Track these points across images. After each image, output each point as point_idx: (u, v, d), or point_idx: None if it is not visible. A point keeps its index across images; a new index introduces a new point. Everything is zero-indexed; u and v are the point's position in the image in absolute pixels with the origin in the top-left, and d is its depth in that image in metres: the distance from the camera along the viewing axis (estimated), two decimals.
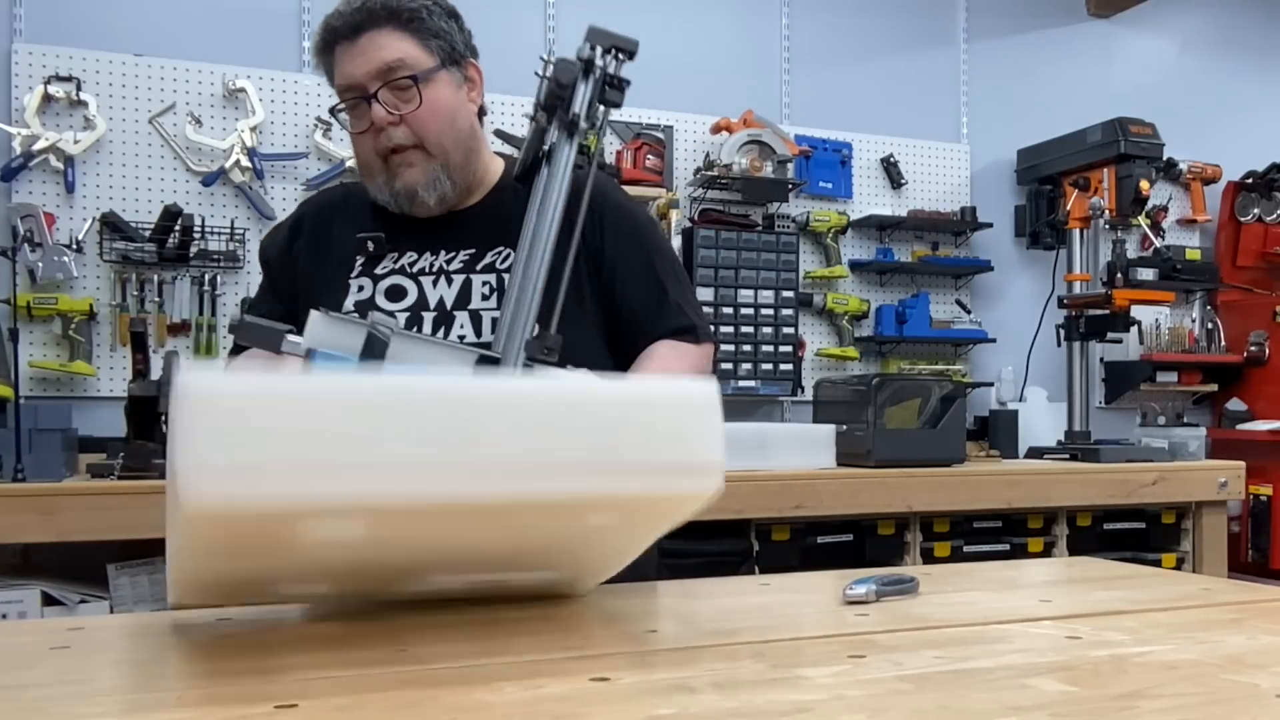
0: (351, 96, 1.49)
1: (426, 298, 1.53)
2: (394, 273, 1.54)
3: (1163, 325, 4.28)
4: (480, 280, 1.53)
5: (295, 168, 3.26)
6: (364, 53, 1.46)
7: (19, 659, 1.05)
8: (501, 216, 1.53)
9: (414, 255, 1.55)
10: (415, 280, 1.54)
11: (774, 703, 0.89)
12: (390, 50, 1.46)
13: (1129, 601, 1.35)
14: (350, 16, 1.46)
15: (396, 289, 1.53)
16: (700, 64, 3.76)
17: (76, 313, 2.96)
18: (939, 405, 3.34)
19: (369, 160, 1.52)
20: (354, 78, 1.47)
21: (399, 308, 1.52)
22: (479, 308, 1.52)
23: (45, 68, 3.02)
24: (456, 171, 1.53)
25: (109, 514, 2.45)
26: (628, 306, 1.57)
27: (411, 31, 1.48)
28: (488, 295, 1.52)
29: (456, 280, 1.54)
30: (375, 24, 1.46)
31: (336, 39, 1.48)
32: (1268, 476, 3.93)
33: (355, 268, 1.55)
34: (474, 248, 1.55)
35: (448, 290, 1.53)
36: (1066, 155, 3.92)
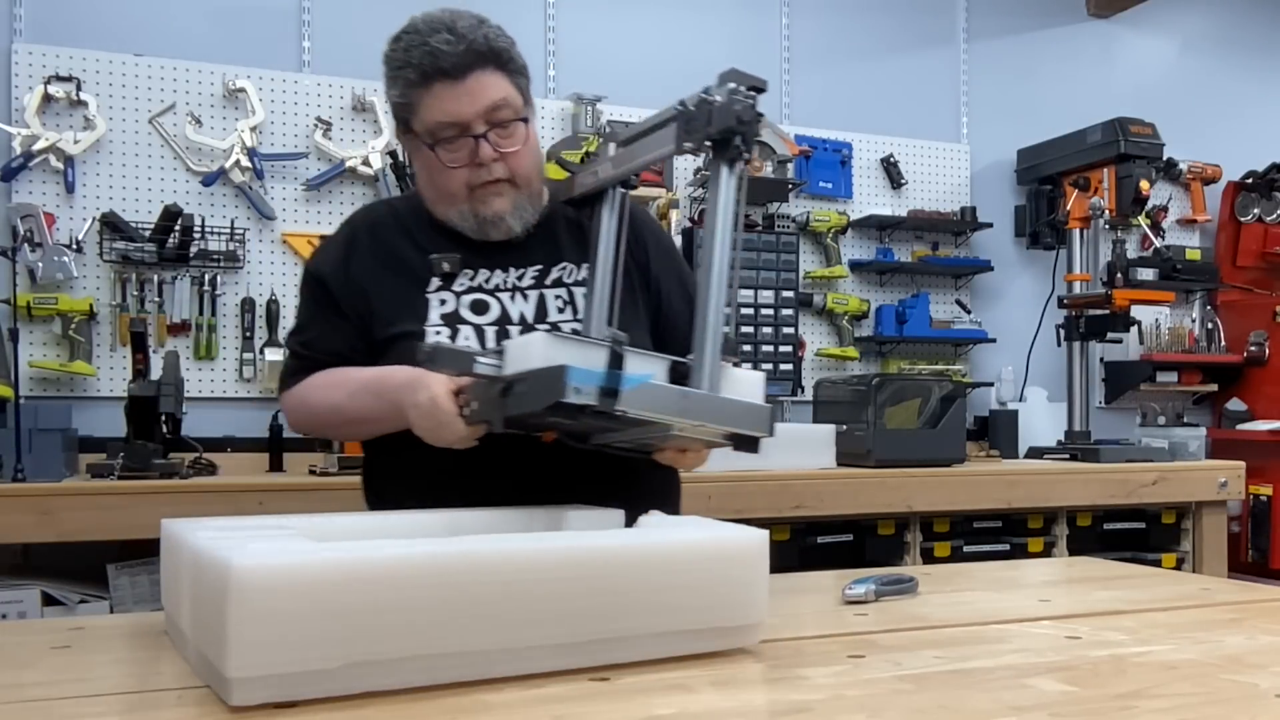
0: (453, 133, 1.53)
1: (509, 312, 1.61)
2: (472, 290, 1.61)
3: (1163, 325, 4.28)
4: (553, 295, 1.63)
5: (295, 168, 3.26)
6: (471, 92, 1.52)
7: (19, 659, 1.05)
8: (558, 234, 1.66)
9: (485, 273, 1.63)
10: (494, 296, 1.62)
11: (774, 703, 0.89)
12: (495, 90, 1.53)
13: (1129, 601, 1.35)
14: (458, 57, 1.51)
15: (479, 303, 1.61)
16: (700, 64, 3.74)
17: (76, 313, 2.96)
18: (939, 405, 3.34)
19: (455, 190, 1.57)
20: (461, 115, 1.52)
21: (485, 321, 1.59)
22: (556, 320, 1.62)
23: (45, 68, 3.02)
24: (535, 199, 1.62)
25: (109, 514, 2.45)
26: (671, 320, 1.71)
27: (508, 72, 1.56)
28: (562, 309, 1.63)
29: (531, 296, 1.63)
30: (481, 65, 1.53)
31: (440, 77, 1.52)
32: (1268, 476, 3.93)
33: (432, 284, 1.60)
34: (540, 264, 1.64)
35: (525, 305, 1.62)
36: (1066, 155, 3.92)
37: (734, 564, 1.07)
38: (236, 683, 0.85)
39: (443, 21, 1.53)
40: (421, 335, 1.55)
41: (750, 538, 1.09)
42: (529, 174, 1.60)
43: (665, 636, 1.03)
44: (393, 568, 0.91)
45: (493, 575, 0.95)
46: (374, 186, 3.31)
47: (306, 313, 1.68)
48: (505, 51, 1.55)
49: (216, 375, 3.16)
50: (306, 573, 0.88)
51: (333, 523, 1.24)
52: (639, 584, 1.01)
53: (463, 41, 1.51)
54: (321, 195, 3.28)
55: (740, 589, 1.06)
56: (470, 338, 1.57)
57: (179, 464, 2.69)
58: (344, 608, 0.88)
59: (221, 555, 0.87)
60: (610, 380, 1.17)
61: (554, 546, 1.01)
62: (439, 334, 1.56)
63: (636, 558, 1.03)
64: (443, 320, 1.58)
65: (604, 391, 1.16)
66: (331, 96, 3.31)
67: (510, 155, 1.56)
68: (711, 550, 1.07)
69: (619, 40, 3.62)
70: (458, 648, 0.93)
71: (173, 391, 2.73)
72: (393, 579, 0.91)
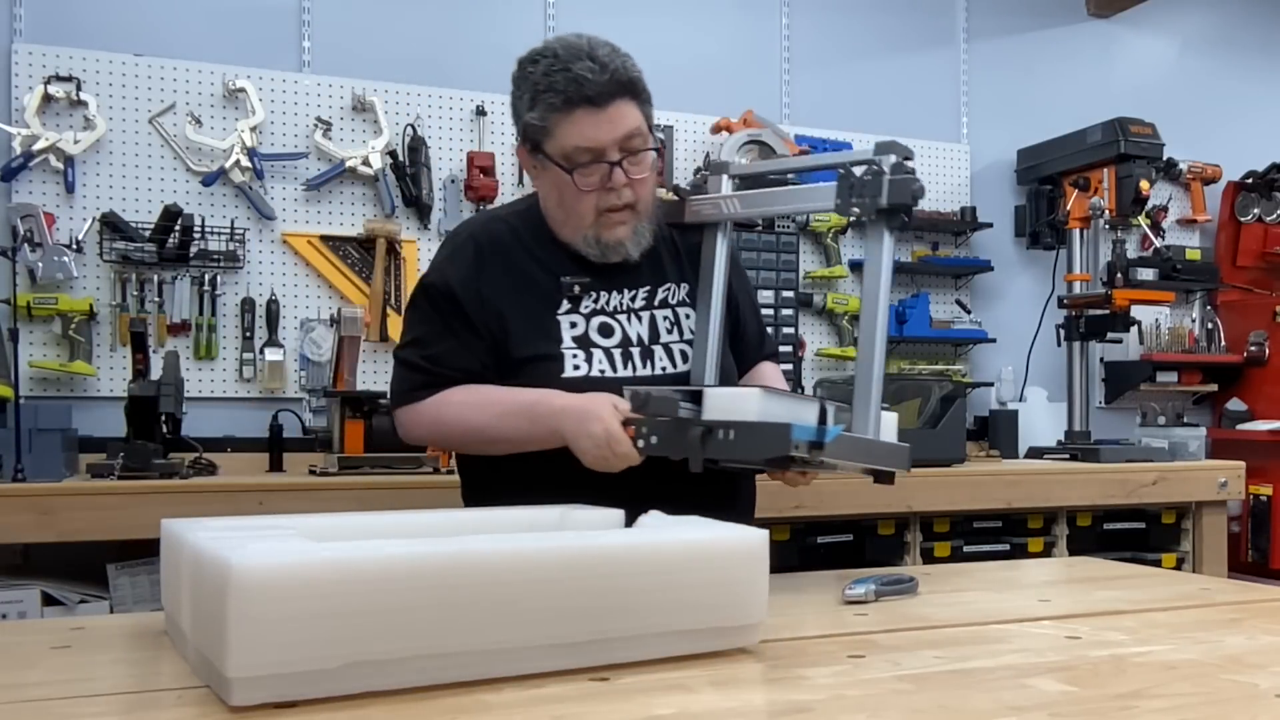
0: (589, 159, 1.59)
1: (628, 334, 1.70)
2: (598, 312, 1.69)
3: (1163, 325, 4.27)
4: (660, 315, 1.74)
5: (295, 168, 3.26)
6: (610, 120, 1.58)
7: (19, 659, 1.05)
8: (660, 253, 1.75)
9: (605, 294, 1.70)
10: (614, 318, 1.70)
11: (774, 703, 0.89)
12: (631, 120, 1.60)
13: (1129, 601, 1.35)
14: (603, 85, 1.57)
15: (606, 326, 1.70)
16: (700, 64, 3.76)
17: (76, 313, 2.96)
18: (939, 405, 3.34)
19: (584, 213, 1.63)
20: (600, 142, 1.58)
21: (611, 344, 1.69)
22: (667, 341, 1.73)
23: (45, 68, 3.02)
24: (650, 224, 1.70)
25: (109, 514, 2.45)
26: (746, 333, 1.86)
27: (640, 102, 1.63)
28: (670, 330, 1.74)
29: (644, 317, 1.73)
30: (621, 94, 1.59)
31: (584, 104, 1.57)
32: (1268, 476, 3.93)
33: (562, 305, 1.68)
34: (647, 286, 1.74)
35: (641, 327, 1.72)
36: (1066, 155, 3.92)
37: (734, 564, 1.07)
38: (236, 683, 0.85)
39: (582, 49, 1.59)
40: (558, 358, 1.63)
41: (750, 538, 1.09)
42: (649, 201, 1.67)
43: (665, 636, 1.03)
44: (392, 567, 0.91)
45: (492, 575, 0.95)
46: (374, 186, 3.31)
47: (429, 327, 1.68)
48: (639, 81, 1.62)
49: (216, 375, 3.16)
50: (306, 573, 0.88)
51: (333, 523, 1.24)
52: (639, 584, 1.02)
53: (606, 71, 1.57)
54: (321, 195, 3.28)
55: (740, 589, 1.07)
56: (602, 361, 1.66)
57: (179, 464, 2.69)
58: (344, 608, 0.88)
59: (222, 555, 0.87)
60: (819, 435, 1.35)
61: (554, 546, 1.01)
62: (575, 356, 1.64)
63: (636, 558, 1.03)
64: (575, 343, 1.65)
65: (812, 445, 1.34)
66: (331, 96, 3.31)
67: (637, 183, 1.62)
68: (711, 550, 1.07)
69: (619, 40, 3.59)
70: (458, 648, 0.93)
71: (173, 391, 2.73)
72: (392, 579, 0.91)
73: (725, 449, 1.35)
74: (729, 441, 1.34)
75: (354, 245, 3.29)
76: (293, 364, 3.22)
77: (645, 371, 1.69)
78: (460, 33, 3.45)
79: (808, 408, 1.41)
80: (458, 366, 1.65)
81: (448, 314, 1.66)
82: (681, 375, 1.71)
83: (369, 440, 2.83)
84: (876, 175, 1.45)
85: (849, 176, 1.48)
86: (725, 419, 1.36)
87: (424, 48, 3.43)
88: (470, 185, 3.38)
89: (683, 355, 1.73)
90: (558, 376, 1.63)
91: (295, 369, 3.22)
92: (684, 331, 1.74)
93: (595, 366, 1.65)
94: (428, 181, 3.35)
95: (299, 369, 3.22)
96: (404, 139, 3.35)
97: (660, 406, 1.37)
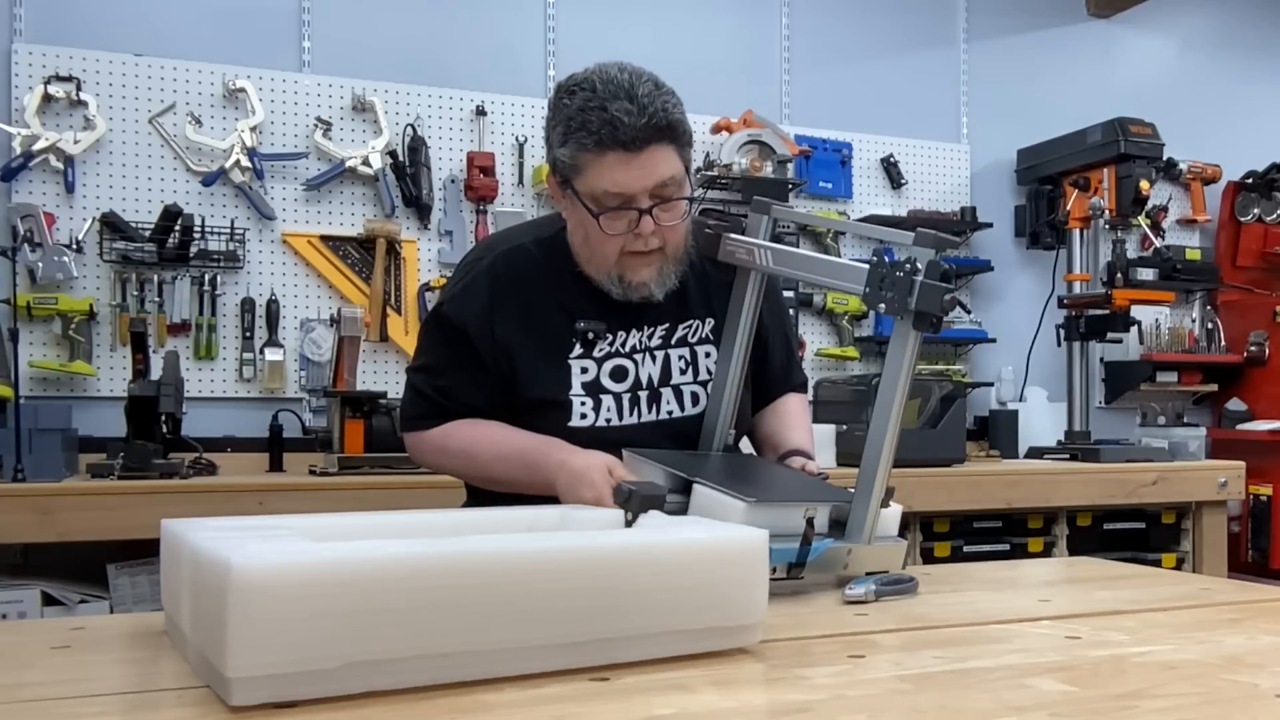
0: (617, 204, 1.53)
1: (640, 377, 1.66)
2: (611, 355, 1.65)
3: (1163, 325, 4.27)
4: (676, 355, 1.69)
5: (295, 168, 3.26)
6: (643, 167, 1.51)
7: (19, 659, 1.05)
8: (687, 286, 1.69)
9: (622, 334, 1.66)
10: (630, 359, 1.66)
11: (774, 703, 0.89)
12: (665, 168, 1.53)
13: (1129, 601, 1.35)
14: (638, 131, 1.49)
15: (619, 370, 1.66)
16: (700, 64, 3.76)
17: (76, 313, 2.96)
18: (939, 405, 3.34)
19: (609, 254, 1.58)
20: (630, 189, 1.52)
21: (622, 389, 1.65)
22: (678, 383, 1.69)
23: (45, 68, 3.02)
24: (678, 265, 1.64)
25: (109, 514, 2.45)
26: (771, 366, 1.82)
27: (679, 146, 1.56)
28: (684, 370, 1.69)
29: (659, 357, 1.68)
30: (659, 139, 1.51)
31: (617, 148, 1.50)
32: (1268, 476, 3.93)
33: (574, 348, 1.64)
34: (667, 323, 1.69)
35: (653, 368, 1.68)
36: (1066, 155, 3.92)
37: (733, 564, 1.07)
38: (236, 683, 0.85)
39: (622, 86, 1.50)
40: (565, 405, 1.61)
41: (750, 537, 1.09)
42: (679, 245, 1.61)
43: (664, 636, 1.03)
44: (392, 567, 0.91)
45: (492, 575, 0.95)
46: (374, 186, 3.31)
47: (441, 357, 1.67)
48: (679, 124, 1.54)
49: (216, 375, 3.16)
50: (306, 573, 0.88)
51: (332, 522, 1.24)
52: (638, 584, 1.01)
53: (644, 115, 1.49)
54: (321, 195, 3.28)
55: (739, 589, 1.06)
56: (611, 409, 1.63)
57: (179, 464, 2.69)
58: (343, 607, 0.88)
59: (221, 555, 0.87)
60: (801, 555, 1.33)
61: (553, 546, 1.01)
62: (583, 405, 1.62)
63: (636, 558, 1.03)
64: (584, 389, 1.63)
65: (792, 566, 1.33)
66: (331, 96, 3.31)
67: (666, 229, 1.57)
68: (711, 550, 1.07)
69: (619, 40, 3.61)
70: (457, 647, 0.93)
71: (173, 391, 2.73)
72: (392, 579, 0.91)
73: None
74: None
75: (354, 245, 3.29)
76: (293, 364, 3.22)
77: (650, 417, 1.66)
78: (460, 33, 3.45)
79: (798, 515, 1.36)
80: (465, 401, 1.65)
81: (459, 348, 1.64)
82: (691, 418, 1.68)
83: (369, 440, 2.83)
84: (910, 274, 1.37)
85: (880, 266, 1.39)
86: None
87: (424, 48, 3.43)
88: (470, 185, 3.38)
89: (693, 398, 1.69)
90: (564, 424, 1.61)
91: (295, 369, 3.22)
92: (699, 372, 1.70)
93: (602, 415, 1.63)
94: (428, 181, 3.35)
95: (299, 369, 3.22)
96: (404, 139, 3.35)
97: (643, 504, 1.31)
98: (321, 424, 3.02)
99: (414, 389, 1.70)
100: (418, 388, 1.69)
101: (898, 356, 1.40)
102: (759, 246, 1.61)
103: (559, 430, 1.61)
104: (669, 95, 1.54)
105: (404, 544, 0.96)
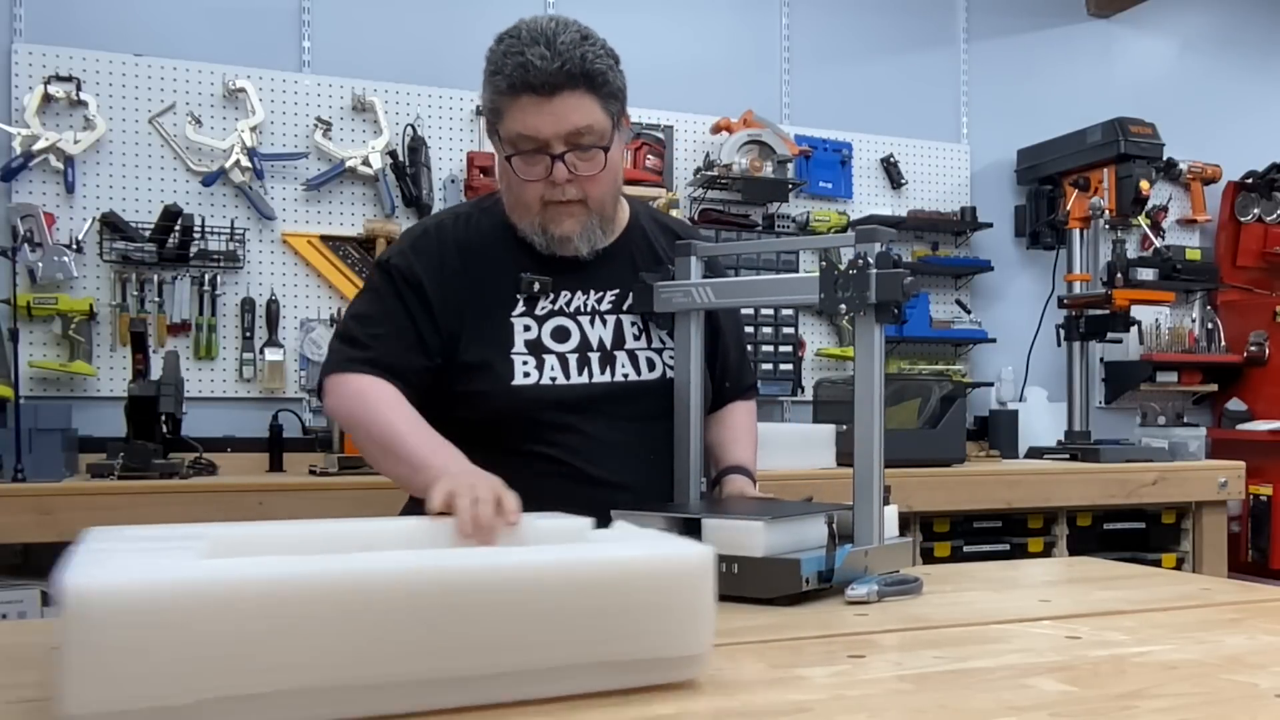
0: (530, 149, 1.52)
1: (589, 338, 1.62)
2: (555, 313, 1.62)
3: (1163, 325, 4.27)
4: (629, 320, 1.66)
5: (295, 168, 3.26)
6: (556, 113, 1.50)
7: (19, 659, 1.05)
8: (638, 255, 1.68)
9: (566, 294, 1.63)
10: (574, 320, 1.63)
11: (774, 703, 0.89)
12: (581, 115, 1.51)
13: (1129, 601, 1.35)
14: (550, 76, 1.48)
15: (561, 330, 1.61)
16: (700, 64, 3.76)
17: (76, 313, 2.96)
18: (939, 405, 3.34)
19: (528, 204, 1.56)
20: (541, 133, 1.50)
21: (567, 349, 1.61)
22: (633, 348, 1.65)
23: (45, 68, 3.02)
24: (606, 222, 1.62)
25: (109, 514, 2.45)
26: (723, 365, 1.77)
27: (600, 96, 1.54)
28: (638, 335, 1.66)
29: (610, 321, 1.65)
30: (572, 86, 1.50)
31: (528, 91, 1.50)
32: (1268, 476, 3.93)
33: (516, 306, 1.60)
34: (618, 288, 1.66)
35: (604, 331, 1.64)
36: (1066, 155, 3.92)
37: (670, 587, 0.91)
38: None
39: (545, 34, 1.50)
40: (508, 364, 1.56)
41: (690, 556, 0.93)
42: (603, 199, 1.59)
43: (585, 670, 0.89)
44: (259, 589, 0.79)
45: (374, 597, 0.82)
46: (374, 186, 3.31)
47: (382, 306, 1.59)
48: (601, 74, 1.52)
49: (216, 375, 3.16)
50: (151, 596, 0.77)
51: (257, 532, 1.12)
52: (553, 608, 0.87)
53: (558, 59, 1.48)
54: (321, 195, 3.28)
55: (677, 616, 0.91)
56: (555, 367, 1.58)
57: (179, 464, 2.69)
58: (198, 636, 0.77)
59: (66, 575, 0.77)
60: (829, 561, 1.32)
61: (449, 565, 0.87)
62: (525, 363, 1.57)
63: (549, 578, 0.88)
64: (527, 348, 1.58)
65: (822, 575, 1.32)
66: (331, 96, 3.31)
67: (585, 179, 1.54)
68: (643, 571, 0.91)
69: (619, 40, 3.59)
70: (331, 682, 0.81)
71: (173, 391, 2.73)
72: (251, 602, 0.78)
73: (725, 584, 1.21)
74: (731, 576, 1.28)
75: (354, 245, 3.29)
76: (293, 364, 3.22)
77: (604, 378, 1.61)
78: (460, 33, 3.45)
79: (814, 526, 1.35)
80: (395, 358, 1.55)
81: (407, 299, 1.57)
82: (649, 383, 1.63)
83: None
84: (863, 269, 1.37)
85: (832, 270, 1.39)
86: (728, 553, 1.29)
87: (424, 48, 3.43)
88: (470, 185, 3.38)
89: (649, 363, 1.65)
90: (507, 384, 1.56)
91: (295, 369, 3.22)
92: (653, 339, 1.66)
93: (546, 374, 1.57)
94: (428, 181, 3.35)
95: (299, 369, 3.22)
96: (404, 139, 3.35)
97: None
98: (321, 424, 3.02)
99: (343, 336, 1.60)
100: (349, 334, 1.59)
101: (867, 355, 1.40)
102: (695, 286, 1.58)
103: (502, 392, 1.55)
104: (595, 47, 1.53)
105: (268, 563, 0.83)
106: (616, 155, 1.59)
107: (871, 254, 1.38)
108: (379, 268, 1.63)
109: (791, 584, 1.28)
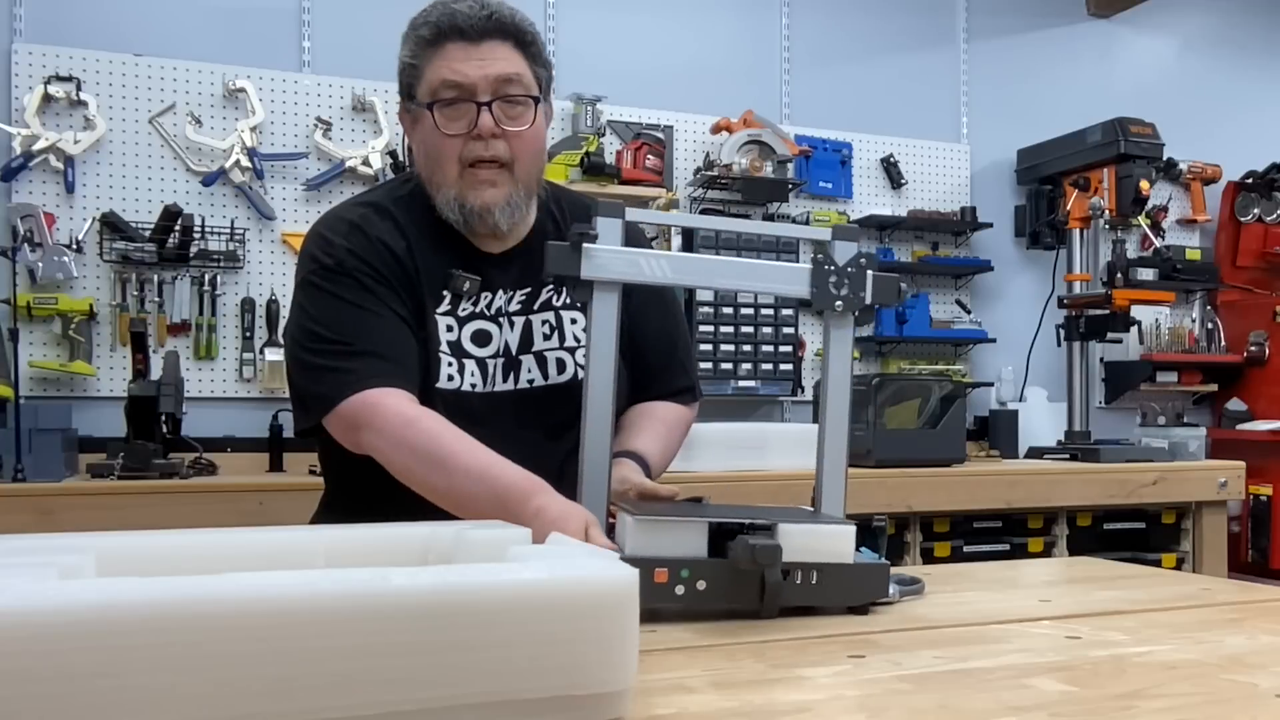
0: (455, 96, 1.45)
1: (498, 342, 1.53)
2: (475, 316, 1.52)
3: (1163, 325, 4.28)
4: (539, 320, 1.56)
5: (295, 168, 3.26)
6: (483, 58, 1.44)
7: None
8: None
9: (487, 295, 1.53)
10: (494, 322, 1.53)
11: (774, 703, 0.89)
12: (511, 64, 1.45)
13: (1129, 601, 1.35)
14: (477, 20, 1.44)
15: (482, 334, 1.52)
16: (700, 64, 3.76)
17: (76, 313, 2.96)
18: (939, 405, 3.34)
19: (448, 165, 1.47)
20: (468, 78, 1.44)
21: (486, 353, 1.51)
22: (542, 349, 1.54)
23: (45, 68, 3.02)
24: (526, 201, 1.53)
25: (109, 514, 2.45)
26: (643, 358, 1.62)
27: (528, 55, 1.48)
28: (549, 335, 1.55)
29: (518, 323, 1.54)
30: (501, 35, 1.45)
31: (454, 37, 1.44)
32: (1268, 476, 3.93)
33: (443, 303, 1.50)
34: (529, 286, 1.55)
35: (511, 334, 1.53)
36: (1066, 155, 3.92)
37: (584, 613, 0.77)
38: None
39: None
40: (436, 361, 1.47)
41: (611, 579, 0.79)
42: (528, 164, 1.49)
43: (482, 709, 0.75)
44: (68, 616, 0.64)
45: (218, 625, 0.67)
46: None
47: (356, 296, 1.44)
48: (530, 35, 1.48)
49: (216, 375, 3.16)
50: None
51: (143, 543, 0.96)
52: (443, 639, 0.73)
53: (485, 9, 1.44)
54: (321, 195, 3.28)
55: (594, 646, 0.77)
56: (475, 373, 1.49)
57: (179, 464, 2.69)
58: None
59: None
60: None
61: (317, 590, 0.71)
62: (450, 365, 1.47)
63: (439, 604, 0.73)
64: (449, 348, 1.49)
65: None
66: (331, 96, 3.31)
67: (513, 135, 1.45)
68: (551, 596, 0.77)
69: (619, 40, 3.62)
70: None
71: (173, 391, 2.73)
72: (53, 633, 0.64)
73: (801, 594, 1.18)
74: (808, 586, 1.19)
75: None
76: None
77: (507, 386, 1.51)
78: None
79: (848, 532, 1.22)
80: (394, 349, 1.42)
81: (385, 282, 1.46)
82: (556, 387, 1.53)
83: None
84: (860, 270, 1.34)
85: (825, 262, 1.34)
86: (805, 560, 1.18)
87: None
88: None
89: (558, 365, 1.54)
90: (433, 385, 1.46)
91: None
92: (565, 338, 1.55)
93: (467, 380, 1.48)
94: None
95: None
96: (404, 139, 3.35)
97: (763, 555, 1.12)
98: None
99: (323, 353, 1.43)
100: (327, 349, 1.43)
101: (843, 348, 1.37)
102: (644, 255, 1.30)
103: (428, 391, 1.44)
104: (520, 12, 1.49)
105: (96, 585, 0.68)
106: (542, 127, 1.51)
107: (848, 252, 1.36)
108: (319, 272, 1.47)
109: (880, 589, 1.22)
